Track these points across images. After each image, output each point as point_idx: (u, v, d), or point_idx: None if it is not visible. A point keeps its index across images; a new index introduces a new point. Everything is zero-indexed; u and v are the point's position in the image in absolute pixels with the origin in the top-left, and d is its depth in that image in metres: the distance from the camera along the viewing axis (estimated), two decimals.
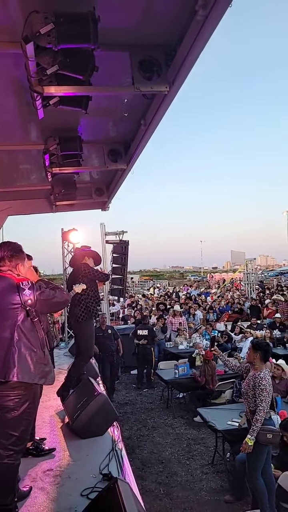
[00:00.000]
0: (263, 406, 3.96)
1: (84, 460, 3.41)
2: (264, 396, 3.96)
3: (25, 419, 2.46)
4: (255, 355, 4.15)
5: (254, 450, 3.95)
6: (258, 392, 3.97)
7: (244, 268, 21.20)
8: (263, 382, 3.99)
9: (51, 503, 2.79)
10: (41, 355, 2.53)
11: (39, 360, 2.51)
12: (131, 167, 5.94)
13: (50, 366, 2.63)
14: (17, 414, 2.40)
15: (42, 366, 2.52)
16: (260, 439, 3.92)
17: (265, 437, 3.92)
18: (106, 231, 10.44)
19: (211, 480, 5.40)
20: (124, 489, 2.18)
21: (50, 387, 5.37)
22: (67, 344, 8.99)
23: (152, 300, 19.31)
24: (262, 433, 3.92)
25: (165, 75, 3.46)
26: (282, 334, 10.79)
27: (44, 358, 2.56)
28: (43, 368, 2.52)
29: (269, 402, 4.03)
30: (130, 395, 9.34)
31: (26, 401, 2.44)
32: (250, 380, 4.12)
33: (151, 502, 4.91)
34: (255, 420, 3.92)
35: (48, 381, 2.57)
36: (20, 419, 2.42)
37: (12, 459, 2.40)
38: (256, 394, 3.99)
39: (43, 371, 2.52)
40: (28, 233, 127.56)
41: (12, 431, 2.39)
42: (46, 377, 2.55)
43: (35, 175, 7.04)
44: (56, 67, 3.08)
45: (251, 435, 3.92)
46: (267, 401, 4.00)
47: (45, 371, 2.53)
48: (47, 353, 2.63)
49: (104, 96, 4.09)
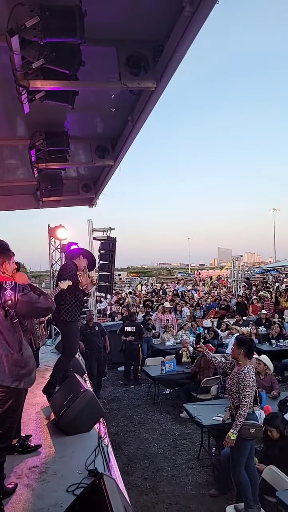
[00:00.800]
0: (246, 401, 4.00)
1: (70, 456, 3.41)
2: (247, 391, 4.01)
3: (9, 417, 2.44)
4: (239, 351, 4.19)
5: (237, 445, 4.00)
6: (242, 388, 4.01)
7: (231, 265, 21.37)
8: (247, 378, 4.03)
9: (36, 499, 2.78)
10: (18, 357, 2.47)
11: (15, 363, 2.45)
12: (119, 164, 5.93)
13: (28, 369, 2.55)
14: (2, 412, 2.38)
15: (18, 369, 2.46)
16: (242, 434, 3.96)
17: (248, 432, 3.96)
18: (93, 228, 10.39)
19: (196, 475, 5.45)
20: (110, 484, 2.18)
21: (35, 383, 5.39)
22: (53, 341, 8.94)
23: (139, 297, 19.34)
24: (244, 427, 3.97)
25: (152, 71, 3.46)
26: (267, 330, 10.92)
27: (21, 361, 2.49)
28: (18, 370, 2.46)
29: (252, 397, 4.08)
30: (117, 392, 9.34)
31: (9, 399, 2.42)
32: (234, 376, 4.16)
33: (137, 497, 4.93)
34: (238, 415, 3.97)
35: (24, 384, 2.51)
36: (4, 416, 2.41)
37: None
38: (240, 390, 4.03)
39: (18, 373, 2.45)
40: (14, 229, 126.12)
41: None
42: (22, 380, 2.48)
43: (21, 170, 6.97)
44: (42, 61, 3.06)
45: (233, 429, 3.97)
46: (250, 397, 4.05)
47: (20, 373, 2.47)
48: (26, 356, 2.56)
49: (91, 91, 4.07)
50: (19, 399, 2.54)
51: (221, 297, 17.25)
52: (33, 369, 2.63)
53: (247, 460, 4.09)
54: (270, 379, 6.52)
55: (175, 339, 10.35)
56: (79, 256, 4.73)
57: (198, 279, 36.45)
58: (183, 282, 29.43)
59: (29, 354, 2.61)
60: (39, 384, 5.15)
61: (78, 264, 4.68)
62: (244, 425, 3.96)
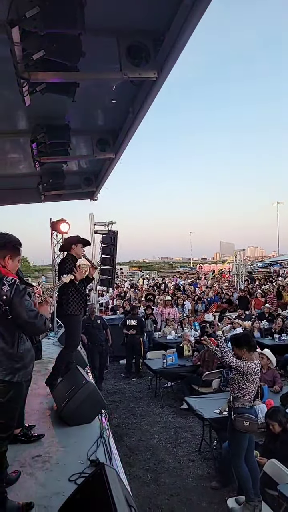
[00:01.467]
0: (229, 355, 4.12)
1: (72, 446, 3.45)
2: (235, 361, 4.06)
3: (11, 407, 2.46)
4: (242, 351, 4.14)
5: (234, 437, 4.03)
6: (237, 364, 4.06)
7: (233, 259, 21.34)
8: (250, 370, 4.03)
9: (39, 488, 2.82)
10: (13, 351, 2.46)
11: (10, 357, 2.44)
12: (120, 156, 5.92)
13: (24, 363, 2.52)
14: (2, 402, 2.40)
15: (12, 363, 2.45)
16: (237, 426, 3.97)
17: (242, 424, 3.96)
18: (95, 222, 10.38)
19: (197, 467, 5.49)
20: (111, 474, 2.21)
21: (39, 375, 5.45)
22: (56, 333, 8.98)
23: (141, 291, 19.37)
24: (239, 420, 3.97)
25: (153, 61, 3.43)
26: (270, 324, 10.92)
27: (16, 355, 2.47)
28: (12, 364, 2.45)
29: (231, 362, 4.10)
30: (119, 384, 9.40)
31: (10, 390, 2.42)
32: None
33: (139, 488, 4.98)
34: (222, 347, 4.19)
35: (18, 377, 2.48)
36: (6, 406, 2.42)
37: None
38: (243, 379, 4.04)
39: (12, 367, 2.44)
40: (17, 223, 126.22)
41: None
42: (16, 373, 2.46)
43: (23, 164, 6.96)
44: (43, 52, 3.03)
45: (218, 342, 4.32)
46: (233, 362, 4.08)
47: (15, 367, 2.45)
48: (23, 350, 2.53)
49: (91, 83, 4.04)
50: (20, 391, 2.54)
51: (223, 291, 17.25)
52: (29, 363, 2.60)
53: (247, 454, 4.10)
54: (273, 373, 6.53)
55: (177, 333, 10.37)
56: (71, 246, 4.73)
57: (200, 273, 36.43)
58: (185, 276, 29.43)
59: (26, 348, 2.58)
60: (42, 376, 5.21)
61: (76, 253, 4.68)
62: (239, 417, 3.97)
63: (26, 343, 2.59)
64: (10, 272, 2.61)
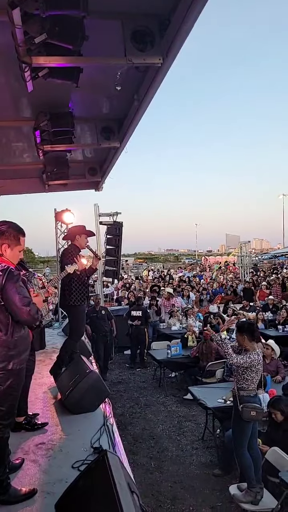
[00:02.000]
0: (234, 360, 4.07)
1: (76, 434, 3.47)
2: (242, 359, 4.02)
3: (11, 394, 2.44)
4: (243, 337, 4.16)
5: (239, 426, 4.03)
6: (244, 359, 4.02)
7: (238, 251, 21.23)
8: (254, 363, 4.01)
9: (42, 474, 2.84)
10: (6, 338, 2.43)
11: (3, 344, 2.42)
12: (125, 145, 5.84)
13: (18, 350, 2.48)
14: (3, 389, 2.39)
15: (6, 350, 2.42)
16: (244, 416, 3.98)
17: (249, 414, 3.97)
18: (100, 212, 10.33)
19: (200, 455, 5.52)
20: (113, 461, 2.21)
21: (43, 365, 5.47)
22: (60, 324, 9.02)
23: (146, 282, 19.36)
24: (246, 410, 3.98)
25: (158, 46, 3.36)
26: (274, 316, 10.89)
27: (11, 342, 2.44)
28: (6, 351, 2.42)
29: (237, 363, 4.07)
30: (123, 374, 9.44)
31: (9, 377, 2.41)
32: None
33: (142, 475, 5.02)
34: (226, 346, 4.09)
35: (13, 365, 2.44)
36: (6, 394, 2.41)
37: (0, 432, 2.42)
38: (247, 371, 4.03)
39: (6, 354, 2.41)
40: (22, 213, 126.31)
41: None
42: (10, 361, 2.43)
43: (27, 153, 6.91)
44: (45, 36, 2.98)
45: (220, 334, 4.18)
46: (237, 362, 4.06)
47: (9, 354, 2.42)
48: (17, 337, 2.49)
49: (95, 69, 3.98)
50: (19, 378, 2.52)
51: (228, 283, 17.20)
52: (24, 351, 2.56)
53: (250, 441, 4.12)
54: (276, 363, 6.53)
55: (181, 324, 10.38)
56: (75, 236, 4.69)
57: (206, 264, 36.33)
58: (190, 268, 29.36)
59: (21, 336, 2.54)
60: (47, 366, 5.23)
61: (79, 244, 4.65)
62: (246, 408, 3.97)
63: (22, 331, 2.55)
64: (6, 260, 2.56)
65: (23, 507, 2.43)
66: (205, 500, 4.52)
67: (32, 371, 3.76)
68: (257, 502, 3.94)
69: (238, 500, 4.02)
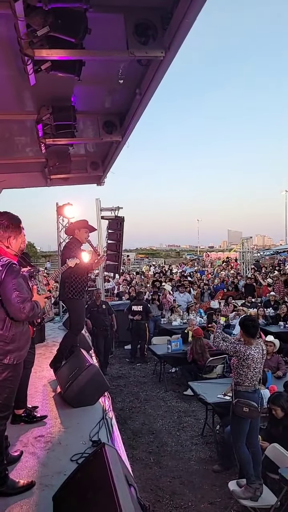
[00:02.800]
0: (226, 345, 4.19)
1: (75, 427, 3.48)
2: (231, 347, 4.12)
3: (7, 387, 2.45)
4: (240, 332, 4.21)
5: (234, 420, 4.04)
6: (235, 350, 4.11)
7: (240, 247, 21.20)
8: (246, 355, 4.01)
9: (41, 467, 2.85)
10: (2, 333, 2.42)
11: (1, 338, 2.41)
12: (126, 140, 5.83)
13: (17, 345, 2.48)
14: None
15: (3, 344, 2.42)
16: (236, 411, 3.99)
17: (241, 410, 3.96)
18: (101, 207, 10.32)
19: (200, 451, 5.55)
20: (111, 454, 2.21)
21: (43, 358, 5.50)
22: (61, 318, 9.05)
23: (147, 277, 19.37)
24: (239, 405, 3.97)
25: (160, 40, 3.34)
26: (275, 312, 10.89)
27: (7, 337, 2.43)
28: (3, 346, 2.41)
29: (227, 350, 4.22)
30: (124, 369, 9.48)
31: (5, 370, 2.41)
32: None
33: (141, 470, 5.04)
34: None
35: (9, 360, 2.44)
36: (2, 386, 2.42)
37: None
38: (240, 366, 4.04)
39: (2, 349, 2.41)
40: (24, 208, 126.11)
41: None
42: (7, 355, 2.43)
43: (30, 147, 6.89)
44: (47, 29, 2.96)
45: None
46: (228, 348, 4.17)
47: (5, 349, 2.42)
48: (14, 332, 2.48)
49: (97, 62, 3.95)
50: (16, 371, 2.51)
51: (229, 279, 17.18)
52: (23, 347, 2.55)
53: (250, 438, 4.12)
54: (277, 359, 6.54)
55: (182, 319, 10.39)
56: (74, 231, 4.69)
57: (207, 260, 36.33)
58: (191, 263, 29.36)
59: (20, 331, 2.53)
60: (47, 359, 5.25)
61: (80, 238, 4.65)
62: (239, 403, 3.97)
63: (21, 326, 2.54)
64: (10, 254, 2.58)
65: (21, 499, 2.45)
66: (204, 496, 4.54)
67: (31, 363, 3.77)
68: (256, 498, 3.95)
69: (237, 496, 4.03)
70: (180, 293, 12.26)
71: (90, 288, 11.83)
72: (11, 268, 2.43)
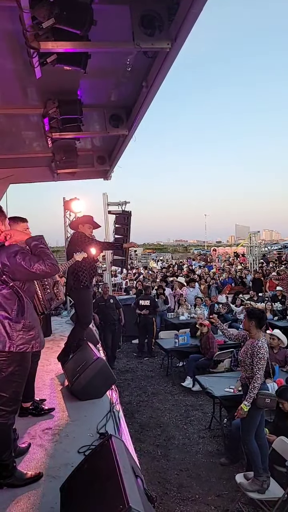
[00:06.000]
0: (260, 374, 3.99)
1: (82, 420, 3.50)
2: (262, 364, 3.99)
3: (14, 381, 2.44)
4: (250, 323, 4.17)
5: (249, 414, 4.03)
6: (256, 361, 3.98)
7: (248, 242, 21.06)
8: (261, 351, 3.99)
9: (48, 459, 2.87)
10: (23, 321, 2.43)
11: (16, 328, 2.41)
12: (133, 133, 5.80)
13: (33, 333, 2.48)
14: (4, 376, 2.40)
15: (21, 333, 2.42)
16: (258, 403, 3.97)
17: (263, 402, 3.96)
18: (108, 202, 10.32)
19: (207, 444, 5.56)
20: (118, 445, 2.22)
21: (51, 352, 5.53)
22: (69, 312, 9.09)
23: (154, 272, 19.37)
24: (261, 397, 3.97)
25: (167, 31, 3.30)
26: (283, 306, 10.83)
27: (24, 326, 2.44)
28: (22, 335, 2.42)
29: (264, 369, 4.08)
30: (131, 363, 9.51)
31: (12, 364, 2.41)
32: (248, 349, 4.13)
33: (149, 463, 5.07)
34: (252, 387, 3.96)
35: (35, 346, 2.46)
36: (9, 380, 2.41)
37: (4, 419, 2.43)
38: (254, 363, 4.00)
39: (22, 337, 2.41)
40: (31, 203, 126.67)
41: (1, 392, 2.41)
42: (31, 342, 2.44)
43: (37, 142, 6.91)
44: (53, 20, 2.95)
45: (247, 401, 3.96)
46: (264, 369, 4.05)
47: (25, 338, 2.43)
48: (30, 320, 2.48)
49: (103, 55, 3.92)
50: (23, 364, 2.50)
51: (237, 273, 17.11)
52: (40, 332, 2.57)
53: (257, 430, 4.12)
54: (284, 353, 6.51)
55: (189, 314, 10.38)
56: (78, 226, 4.69)
57: (215, 255, 36.19)
58: (199, 258, 29.27)
59: (35, 318, 2.55)
60: (54, 352, 5.29)
61: (84, 232, 4.66)
62: (261, 395, 3.96)
63: (34, 313, 2.57)
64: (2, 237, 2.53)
65: (29, 490, 2.47)
66: (211, 488, 4.56)
67: (38, 357, 3.79)
68: (264, 491, 3.95)
69: (245, 488, 4.03)
70: (190, 288, 12.23)
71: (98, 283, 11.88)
72: (9, 248, 2.41)
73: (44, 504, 2.35)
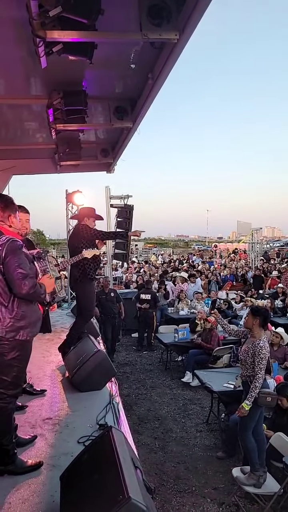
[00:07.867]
0: (262, 373, 3.98)
1: (82, 411, 3.52)
2: (263, 364, 3.97)
3: (15, 366, 2.48)
4: (254, 321, 4.11)
5: (249, 411, 4.04)
6: (258, 361, 3.95)
7: (250, 238, 21.06)
8: (263, 351, 3.97)
9: (49, 448, 2.90)
10: (12, 310, 2.46)
11: (10, 315, 2.44)
12: (138, 126, 5.75)
13: (27, 321, 2.51)
14: (6, 360, 2.44)
15: (13, 321, 2.44)
16: (260, 402, 3.98)
17: (265, 400, 3.97)
18: (111, 195, 10.29)
19: (205, 438, 5.59)
20: (118, 436, 2.23)
21: (52, 343, 5.55)
22: (69, 305, 9.11)
23: (155, 267, 19.37)
24: (262, 396, 3.97)
25: (175, 22, 3.26)
26: (283, 303, 10.84)
27: (17, 313, 2.46)
28: (13, 322, 2.44)
29: (265, 368, 4.08)
30: (130, 356, 9.55)
31: (13, 349, 2.45)
32: (249, 348, 4.09)
33: (147, 455, 5.11)
34: (253, 387, 3.94)
35: (22, 336, 2.48)
36: (10, 365, 2.46)
37: (5, 402, 2.47)
38: (255, 362, 3.97)
39: (13, 325, 2.44)
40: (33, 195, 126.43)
41: (3, 376, 2.45)
42: (19, 331, 2.46)
43: (40, 133, 6.88)
44: (60, 9, 2.92)
45: (248, 400, 3.94)
46: (265, 368, 4.05)
47: (17, 326, 2.45)
48: (24, 310, 2.50)
49: (110, 45, 3.87)
50: (24, 350, 2.54)
51: (238, 270, 17.10)
52: (35, 323, 2.59)
53: (255, 426, 4.13)
54: (284, 350, 6.52)
55: (189, 309, 10.40)
56: (83, 218, 4.68)
57: (216, 251, 36.15)
58: (200, 254, 29.25)
59: (30, 308, 2.56)
60: (55, 344, 5.30)
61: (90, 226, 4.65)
62: (262, 394, 3.97)
63: (31, 303, 2.58)
64: (14, 232, 2.66)
65: (29, 478, 2.50)
66: (208, 481, 4.59)
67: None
68: (260, 485, 3.98)
69: (241, 482, 4.06)
70: (191, 283, 12.23)
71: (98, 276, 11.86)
72: (12, 244, 2.46)
73: (44, 492, 2.38)
